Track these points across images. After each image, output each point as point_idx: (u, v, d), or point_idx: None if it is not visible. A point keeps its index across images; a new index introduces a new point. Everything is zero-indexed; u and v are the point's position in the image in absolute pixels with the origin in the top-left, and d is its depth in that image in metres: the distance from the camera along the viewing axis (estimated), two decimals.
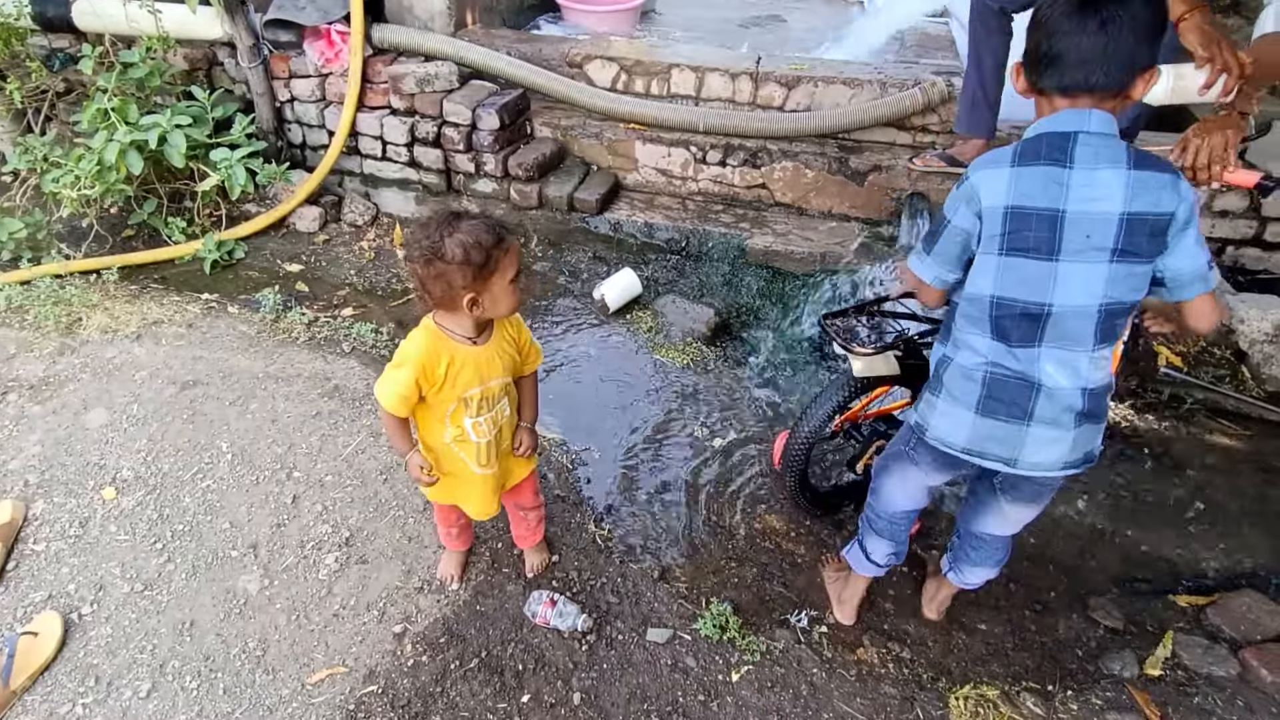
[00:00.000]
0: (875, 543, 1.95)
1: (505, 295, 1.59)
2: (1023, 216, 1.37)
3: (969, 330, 1.52)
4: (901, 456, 1.79)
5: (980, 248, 1.45)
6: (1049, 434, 1.50)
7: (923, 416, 1.66)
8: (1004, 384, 1.50)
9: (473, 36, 3.76)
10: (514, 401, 1.82)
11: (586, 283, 3.35)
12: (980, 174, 1.43)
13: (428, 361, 1.62)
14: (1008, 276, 1.41)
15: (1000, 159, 1.42)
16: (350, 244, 3.54)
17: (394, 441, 1.79)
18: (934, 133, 3.43)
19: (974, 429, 1.54)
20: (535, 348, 1.85)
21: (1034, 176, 1.37)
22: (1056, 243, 1.37)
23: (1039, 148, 1.39)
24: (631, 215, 3.48)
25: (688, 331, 3.07)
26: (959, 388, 1.56)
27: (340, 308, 3.14)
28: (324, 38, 3.42)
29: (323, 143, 3.66)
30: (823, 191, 3.45)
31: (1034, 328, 1.43)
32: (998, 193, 1.39)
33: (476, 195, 3.58)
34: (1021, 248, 1.39)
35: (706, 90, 3.60)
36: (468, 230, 1.51)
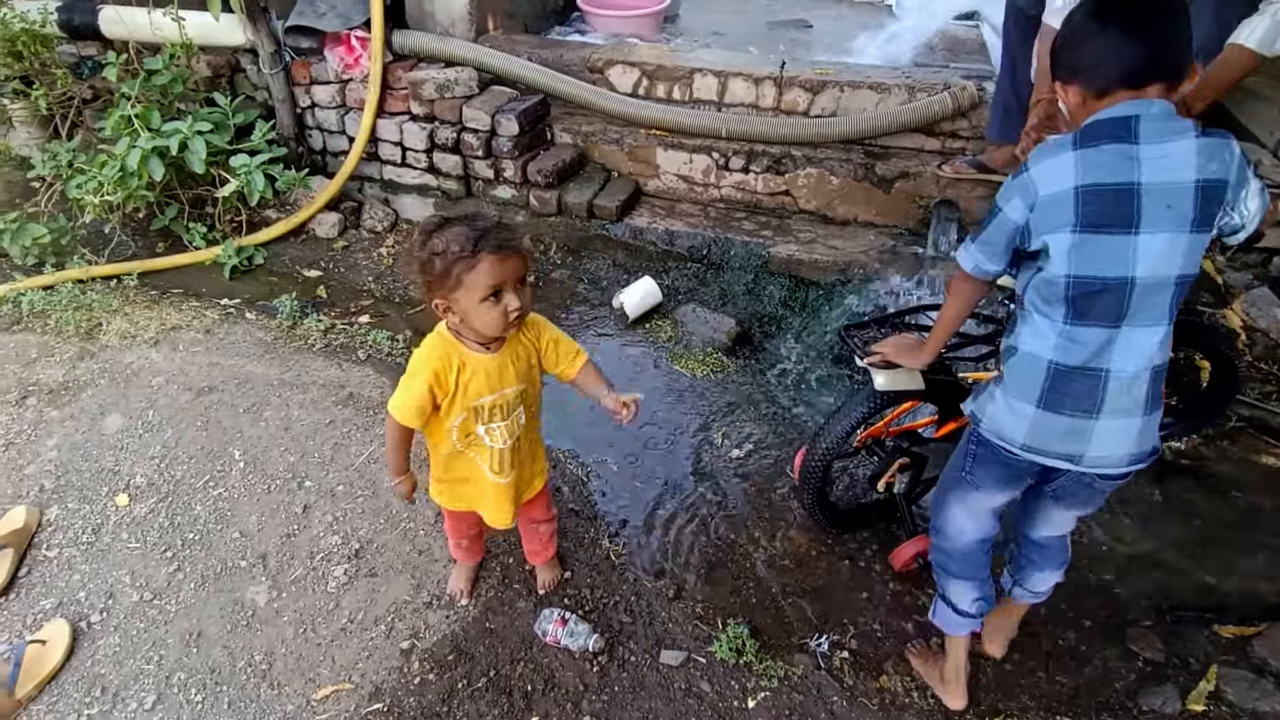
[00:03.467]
0: (957, 588, 1.81)
1: (477, 313, 1.48)
2: (1096, 193, 1.35)
3: (1039, 316, 1.46)
4: (958, 483, 1.71)
5: (1042, 231, 1.40)
6: (1118, 425, 1.44)
7: (979, 406, 1.59)
8: (1070, 375, 1.43)
9: (493, 42, 3.74)
10: (530, 408, 1.74)
11: (606, 291, 3.30)
12: (1039, 165, 1.40)
13: (440, 367, 1.57)
14: (1085, 254, 1.37)
15: (1060, 145, 1.39)
16: (369, 250, 3.52)
17: (391, 458, 1.73)
18: (964, 138, 3.34)
19: (1034, 424, 1.48)
20: (565, 347, 1.71)
21: (1100, 155, 1.35)
22: (1136, 215, 1.34)
23: (1099, 130, 1.37)
24: (652, 222, 3.42)
25: (708, 341, 3.01)
26: (1021, 379, 1.49)
27: (357, 315, 3.12)
28: (344, 44, 3.41)
29: (343, 149, 3.66)
30: (848, 199, 3.37)
31: (1117, 304, 1.38)
32: (1062, 177, 1.36)
33: (495, 201, 3.55)
34: (1098, 224, 1.35)
35: (729, 95, 3.53)
36: (443, 237, 1.44)
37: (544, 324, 1.71)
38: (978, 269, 1.53)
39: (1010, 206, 1.43)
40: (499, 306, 1.48)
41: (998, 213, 1.46)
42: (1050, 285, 1.42)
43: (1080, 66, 1.40)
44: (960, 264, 1.57)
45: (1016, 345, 1.51)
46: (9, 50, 3.35)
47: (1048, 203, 1.38)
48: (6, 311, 3.02)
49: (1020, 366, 1.50)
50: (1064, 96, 1.46)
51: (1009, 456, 1.54)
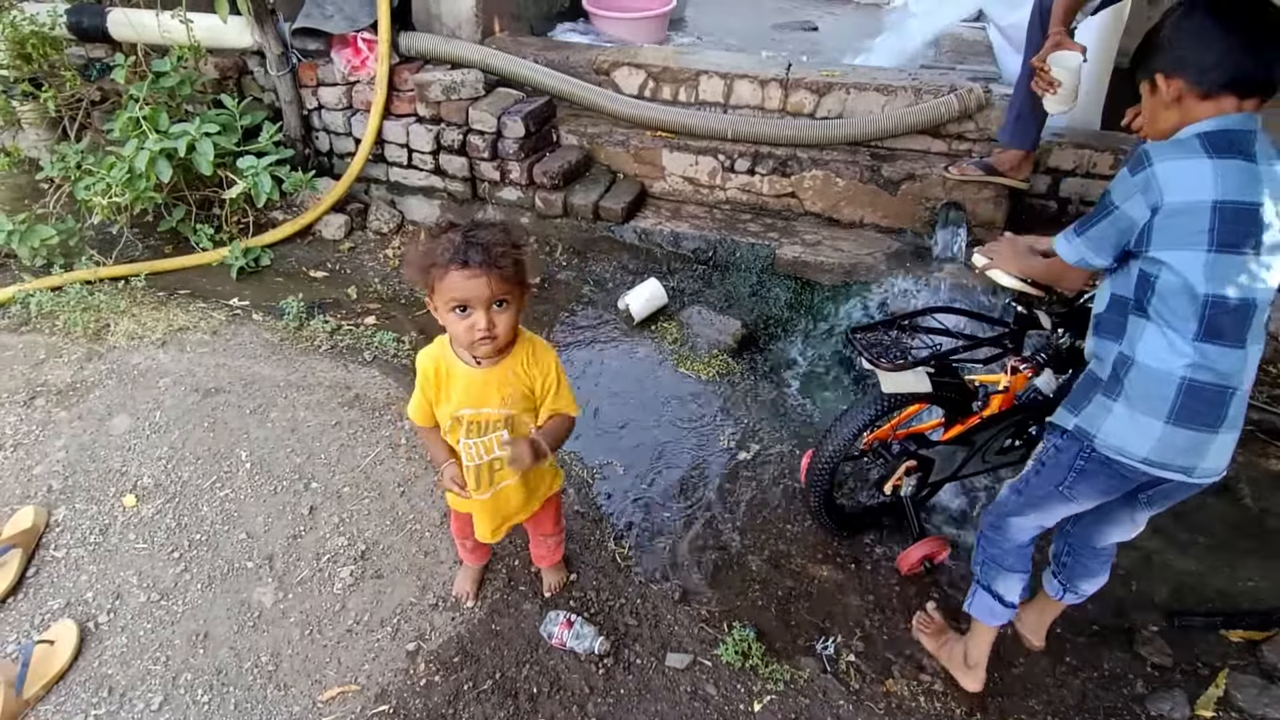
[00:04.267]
0: (1007, 581, 1.81)
1: (447, 320, 1.50)
2: (1235, 212, 1.35)
3: (1167, 329, 1.42)
4: (1049, 498, 1.65)
5: (1169, 244, 1.38)
6: (1229, 438, 1.46)
7: (1090, 422, 1.52)
8: (1202, 391, 1.42)
9: (500, 44, 3.74)
10: (518, 431, 1.67)
11: (611, 292, 3.30)
12: (1167, 164, 1.38)
13: (427, 371, 1.63)
14: (1222, 273, 1.36)
15: (1187, 148, 1.38)
16: (375, 252, 3.53)
17: (429, 452, 1.77)
18: (970, 140, 3.33)
19: (1162, 439, 1.45)
20: (565, 395, 1.68)
21: (1235, 170, 1.35)
22: (1260, 237, 1.36)
23: (1227, 142, 1.37)
24: (658, 224, 3.42)
25: (714, 343, 3.00)
26: (1147, 393, 1.45)
27: (363, 316, 3.12)
28: (351, 46, 3.42)
29: (349, 150, 3.66)
30: (854, 201, 3.36)
31: (1243, 325, 1.40)
32: (1199, 186, 1.36)
33: (502, 203, 3.55)
34: (1234, 243, 1.36)
35: (735, 97, 3.53)
36: (434, 242, 1.46)
37: (554, 364, 1.65)
38: (1083, 262, 1.53)
39: (1130, 204, 1.41)
40: (466, 321, 1.48)
41: (1112, 210, 1.45)
42: (1182, 299, 1.39)
43: (1194, 62, 1.39)
44: (1061, 255, 1.57)
45: (1134, 357, 1.47)
46: (18, 52, 3.36)
47: (1179, 211, 1.36)
48: (15, 312, 3.04)
49: (1146, 380, 1.45)
50: (1160, 88, 1.44)
51: (1125, 470, 1.50)
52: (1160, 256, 1.40)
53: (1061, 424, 1.60)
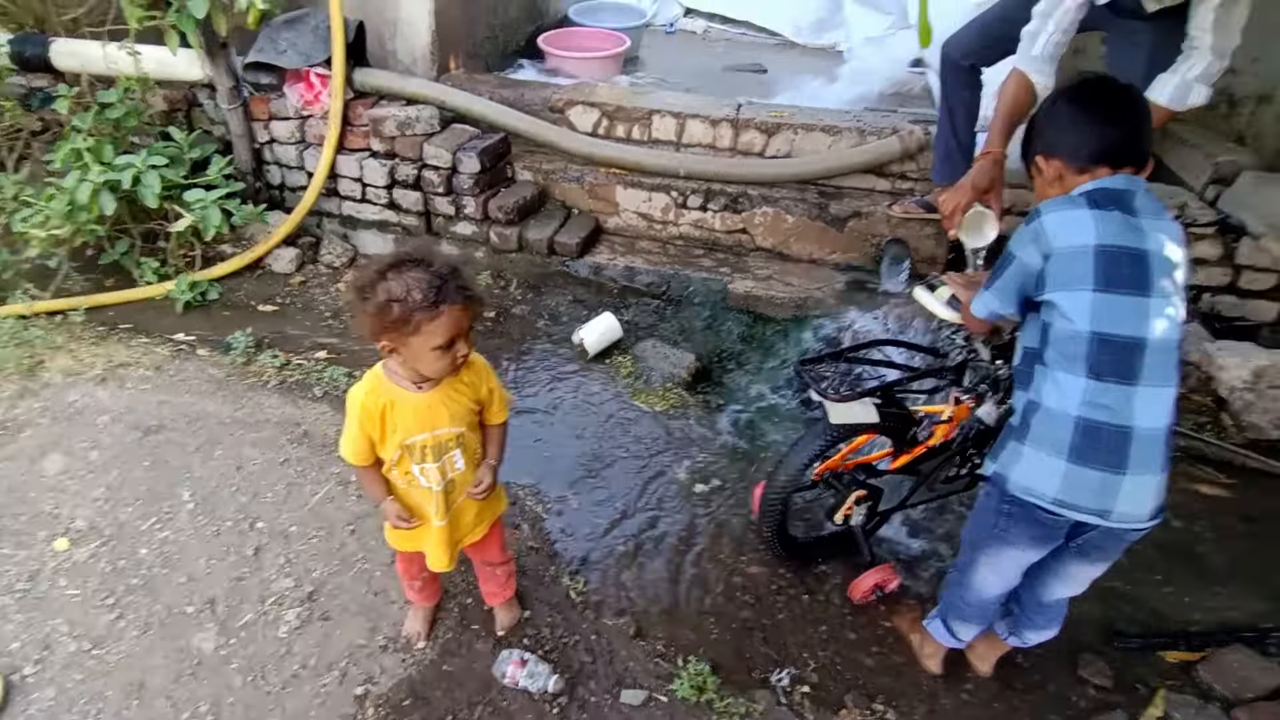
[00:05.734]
0: (965, 628, 1.92)
1: (426, 359, 1.50)
2: (1115, 255, 1.46)
3: (1060, 370, 1.52)
4: (991, 541, 1.71)
5: (1059, 286, 1.50)
6: (1143, 481, 1.50)
7: (1004, 466, 1.61)
8: (1098, 430, 1.48)
9: (455, 81, 3.78)
10: (471, 454, 1.73)
11: (566, 326, 3.31)
12: (1053, 215, 1.51)
13: (368, 405, 1.59)
14: (1106, 312, 1.46)
15: (1072, 202, 1.52)
16: (327, 286, 3.49)
17: (367, 490, 1.73)
18: (912, 179, 3.46)
19: (1066, 478, 1.51)
20: (501, 398, 1.75)
21: (1114, 219, 1.48)
22: (1147, 280, 1.47)
23: (1106, 197, 1.50)
24: (612, 259, 3.46)
25: (668, 377, 3.03)
26: (1049, 434, 1.53)
27: (314, 350, 3.07)
28: (304, 81, 3.42)
29: (301, 184, 3.64)
30: (803, 237, 3.45)
31: (1131, 363, 1.47)
32: (1080, 232, 1.48)
33: (456, 238, 3.56)
34: (1118, 285, 1.46)
35: (688, 136, 3.62)
36: (403, 282, 1.42)
37: (487, 371, 1.71)
38: (991, 315, 1.66)
39: (1025, 253, 1.54)
40: (450, 354, 1.51)
41: (1012, 260, 1.57)
42: (1071, 341, 1.49)
43: (1066, 143, 1.55)
44: (975, 313, 1.69)
45: (1039, 401, 1.55)
46: None
47: (1066, 256, 1.48)
48: None
49: (1047, 422, 1.53)
50: (1043, 168, 1.60)
51: (1041, 513, 1.56)
52: (1052, 299, 1.51)
53: (985, 472, 1.68)
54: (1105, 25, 2.60)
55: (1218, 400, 2.97)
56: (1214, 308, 3.29)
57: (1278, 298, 3.23)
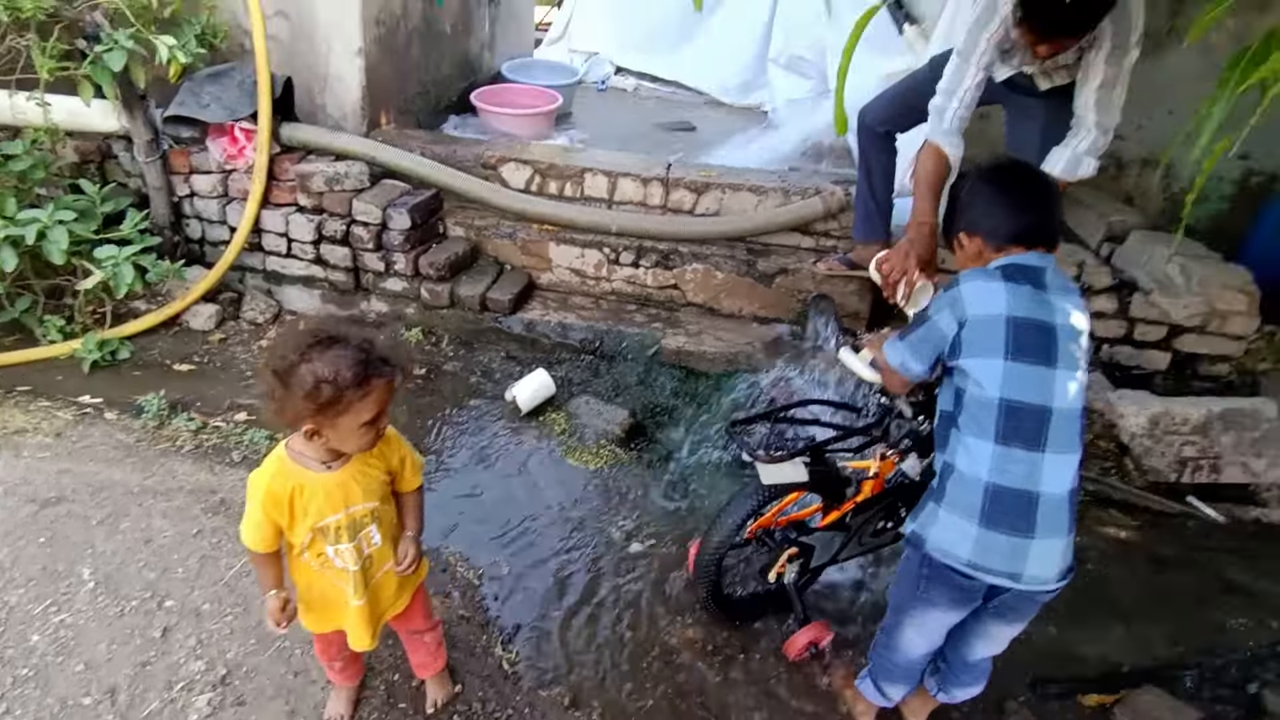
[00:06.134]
0: (894, 689, 1.95)
1: (353, 436, 1.47)
2: (1025, 326, 1.54)
3: (971, 435, 1.58)
4: (914, 604, 1.75)
5: (972, 353, 1.57)
6: (1050, 544, 1.55)
7: (922, 526, 1.66)
8: (1008, 495, 1.54)
9: (386, 136, 3.77)
10: (387, 527, 1.67)
11: (499, 383, 3.28)
12: (970, 284, 1.60)
13: (274, 490, 1.52)
14: (1015, 380, 1.53)
15: (989, 274, 1.61)
16: (248, 343, 3.37)
17: (258, 576, 1.64)
18: (835, 237, 3.60)
19: (978, 542, 1.56)
20: (414, 464, 1.70)
21: (1025, 293, 1.57)
22: (1053, 352, 1.55)
23: (1019, 272, 1.60)
24: (545, 315, 3.47)
25: (601, 434, 3.03)
26: (962, 497, 1.58)
27: (233, 412, 2.95)
28: (228, 135, 3.35)
29: (223, 238, 3.53)
30: (733, 293, 3.54)
31: (1038, 431, 1.53)
32: (994, 303, 1.57)
33: (385, 294, 3.51)
34: (1026, 355, 1.54)
35: (619, 194, 3.69)
36: (328, 362, 1.38)
37: (398, 439, 1.67)
38: (903, 366, 1.70)
39: (941, 317, 1.62)
40: (375, 427, 1.48)
41: (927, 321, 1.64)
42: (982, 407, 1.55)
43: (985, 224, 1.65)
44: (886, 357, 1.74)
45: (953, 464, 1.61)
46: None
47: (980, 324, 1.56)
48: None
49: (960, 485, 1.59)
50: (964, 244, 1.71)
51: (958, 576, 1.60)
52: (965, 365, 1.59)
53: (905, 531, 1.73)
54: (1004, 100, 2.81)
55: (1120, 446, 3.15)
56: (1113, 358, 3.51)
57: (1168, 348, 3.48)
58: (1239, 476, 3.08)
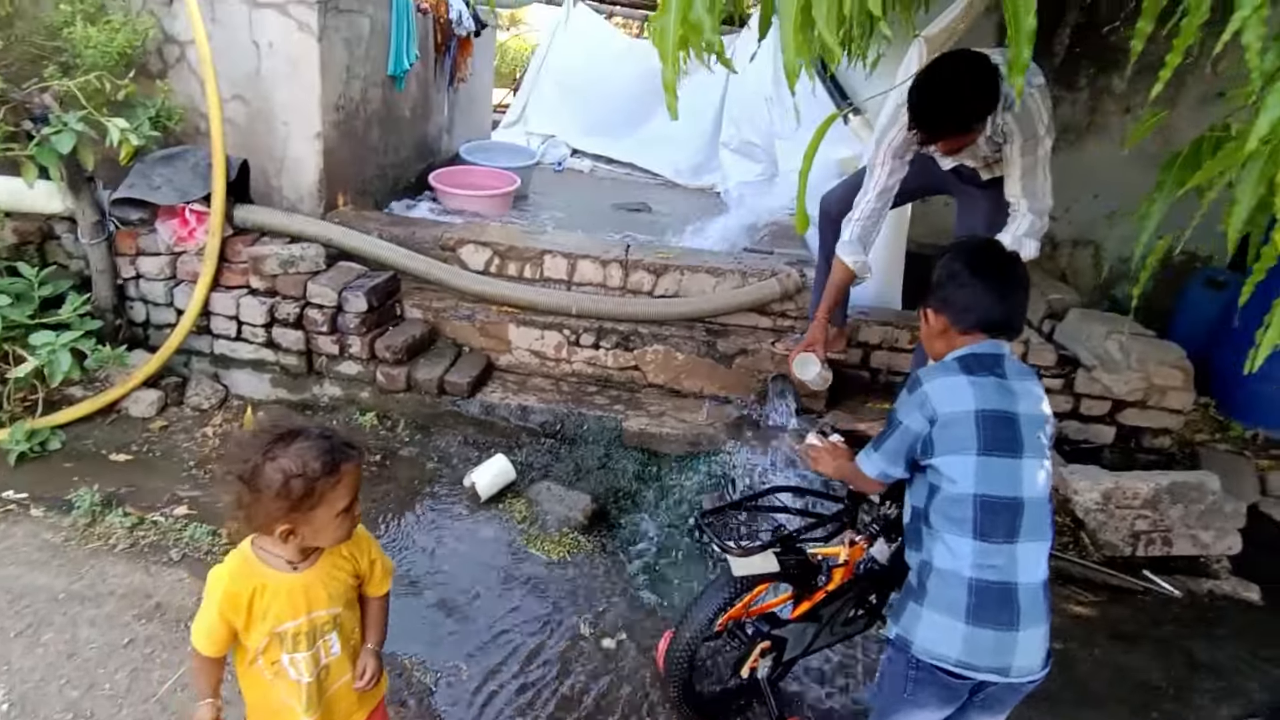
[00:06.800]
0: None
1: (329, 527, 1.42)
2: (993, 419, 1.55)
3: (948, 532, 1.57)
4: (902, 704, 1.69)
5: (944, 450, 1.57)
6: (1033, 634, 1.54)
7: (906, 629, 1.62)
8: (990, 590, 1.53)
9: (343, 218, 3.75)
10: (347, 636, 1.58)
11: (457, 469, 3.19)
12: (934, 383, 1.61)
13: (232, 591, 1.43)
14: (987, 474, 1.54)
15: (949, 369, 1.62)
16: (192, 430, 3.22)
17: (195, 681, 1.52)
18: (792, 318, 3.67)
19: (966, 640, 1.53)
20: (384, 567, 1.63)
21: (988, 385, 1.58)
22: (1019, 441, 1.56)
23: (981, 362, 1.61)
24: (505, 398, 3.41)
25: (564, 520, 2.95)
26: (945, 596, 1.56)
27: (173, 506, 2.79)
28: (179, 217, 3.28)
29: (168, 321, 3.42)
30: (693, 373, 3.55)
31: (1011, 522, 1.54)
32: (961, 399, 1.57)
33: (340, 378, 3.42)
34: (996, 448, 1.55)
35: (579, 275, 3.71)
36: (294, 455, 1.35)
37: (369, 540, 1.61)
38: (882, 475, 1.71)
39: (911, 419, 1.62)
40: (350, 515, 1.45)
41: (898, 425, 1.64)
42: (956, 504, 1.55)
43: (954, 306, 1.66)
44: (864, 470, 1.74)
45: (931, 562, 1.59)
46: None
47: (950, 421, 1.56)
48: None
49: (941, 583, 1.57)
50: (931, 321, 1.72)
51: (947, 675, 1.57)
52: (938, 464, 1.59)
53: (888, 634, 1.69)
54: (952, 189, 2.95)
55: (1076, 521, 3.20)
56: (1062, 432, 3.61)
57: (1112, 422, 3.60)
58: (1189, 549, 3.15)
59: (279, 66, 3.48)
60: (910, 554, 1.71)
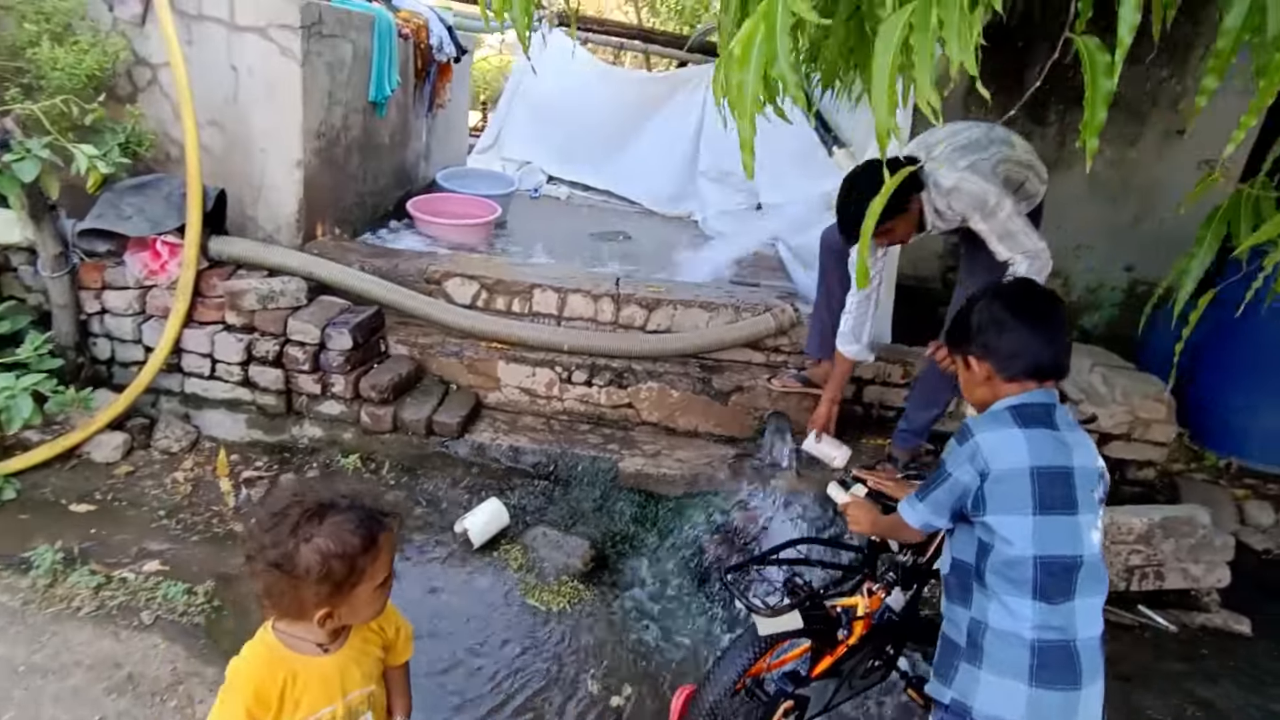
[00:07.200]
0: None
1: (368, 604, 1.33)
2: (1049, 476, 1.49)
3: (1006, 594, 1.51)
4: None
5: (998, 509, 1.51)
6: (1094, 691, 1.49)
7: (963, 693, 1.54)
8: (1053, 650, 1.47)
9: (323, 249, 3.60)
10: (380, 711, 1.48)
11: (447, 513, 3.05)
12: (987, 435, 1.54)
13: (260, 687, 1.30)
14: (1045, 535, 1.48)
15: (1001, 420, 1.55)
16: (161, 476, 3.02)
17: None
18: (786, 353, 3.64)
19: (1031, 703, 1.47)
20: (407, 634, 1.55)
21: (1043, 438, 1.52)
22: (1075, 498, 1.50)
23: (1031, 414, 1.54)
24: (495, 438, 3.29)
25: (562, 568, 2.83)
26: (1005, 657, 1.50)
27: (142, 561, 2.59)
28: (150, 249, 3.10)
29: (136, 359, 3.22)
30: (688, 410, 3.48)
31: (1070, 581, 1.49)
32: (1015, 454, 1.51)
33: (321, 418, 3.25)
34: (1052, 506, 1.49)
35: (569, 309, 3.62)
36: (331, 534, 1.25)
37: (392, 608, 1.51)
38: (927, 526, 1.65)
39: (961, 472, 1.55)
40: (386, 587, 1.36)
41: (947, 477, 1.57)
42: (1014, 566, 1.49)
43: (999, 353, 1.60)
44: (907, 520, 1.67)
45: (986, 622, 1.53)
46: None
47: (1003, 477, 1.50)
48: None
49: (1001, 645, 1.51)
50: (974, 368, 1.64)
51: None
52: (992, 523, 1.53)
53: (939, 698, 1.62)
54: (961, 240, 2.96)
55: None
56: None
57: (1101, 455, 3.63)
58: (1180, 582, 3.18)
59: (258, 92, 3.34)
60: (954, 608, 1.64)
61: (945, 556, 1.72)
